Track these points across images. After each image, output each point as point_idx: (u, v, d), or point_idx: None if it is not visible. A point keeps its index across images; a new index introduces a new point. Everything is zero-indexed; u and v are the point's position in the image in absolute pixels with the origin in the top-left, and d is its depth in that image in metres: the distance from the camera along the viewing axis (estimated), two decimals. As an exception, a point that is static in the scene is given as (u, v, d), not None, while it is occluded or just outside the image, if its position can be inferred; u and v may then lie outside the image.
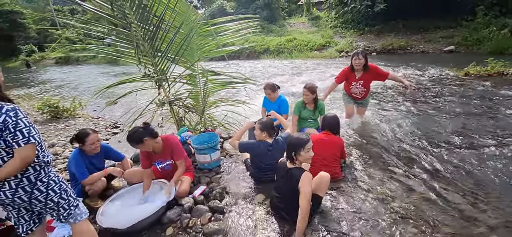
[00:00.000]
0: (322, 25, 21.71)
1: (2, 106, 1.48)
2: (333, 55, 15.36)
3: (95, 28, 3.71)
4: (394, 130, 4.32)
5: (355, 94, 4.33)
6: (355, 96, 4.36)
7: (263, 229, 2.33)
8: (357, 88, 4.24)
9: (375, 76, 4.16)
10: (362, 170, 3.18)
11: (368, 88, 4.28)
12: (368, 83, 4.21)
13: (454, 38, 13.92)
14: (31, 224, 1.79)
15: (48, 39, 32.60)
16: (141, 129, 2.63)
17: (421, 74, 8.74)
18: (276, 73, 11.60)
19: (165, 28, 3.52)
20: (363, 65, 4.02)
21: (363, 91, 4.24)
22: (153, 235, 2.38)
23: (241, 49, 17.40)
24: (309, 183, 2.12)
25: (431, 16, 15.82)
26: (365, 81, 4.15)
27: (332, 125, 3.09)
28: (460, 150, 3.55)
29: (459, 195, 2.64)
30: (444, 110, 5.17)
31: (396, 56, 13.88)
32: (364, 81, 4.15)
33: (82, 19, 3.99)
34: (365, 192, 2.76)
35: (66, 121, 6.25)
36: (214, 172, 3.30)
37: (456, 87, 6.81)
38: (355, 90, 4.28)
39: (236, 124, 4.70)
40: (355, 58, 4.03)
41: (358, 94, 4.30)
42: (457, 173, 3.03)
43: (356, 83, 4.21)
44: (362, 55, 4.02)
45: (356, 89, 4.26)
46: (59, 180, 1.77)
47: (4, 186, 1.56)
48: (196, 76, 4.14)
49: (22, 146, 1.50)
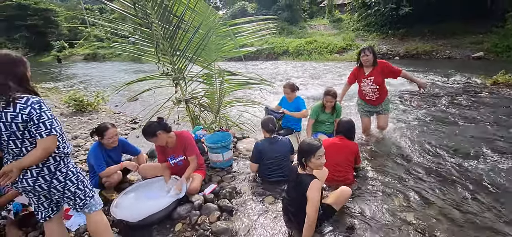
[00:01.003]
0: (344, 27, 21.34)
1: (28, 99, 1.58)
2: (353, 58, 15.01)
3: (121, 27, 3.88)
4: (411, 138, 4.16)
5: (368, 94, 3.98)
6: (370, 98, 4.00)
7: (270, 232, 2.32)
8: (368, 86, 3.92)
9: (386, 72, 3.85)
10: (376, 179, 3.08)
11: (382, 85, 3.90)
12: (379, 79, 3.83)
13: (484, 44, 13.22)
14: (49, 211, 1.89)
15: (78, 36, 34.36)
16: (155, 123, 2.73)
17: (446, 80, 8.38)
18: (293, 75, 11.52)
19: (184, 28, 3.60)
20: (372, 61, 3.80)
21: (376, 89, 3.89)
22: (163, 229, 2.44)
23: (259, 50, 17.46)
24: (318, 192, 2.08)
25: (459, 20, 15.13)
26: (375, 76, 3.82)
27: (346, 129, 3.03)
28: (482, 162, 3.35)
29: (480, 211, 2.50)
30: (468, 118, 4.92)
31: (421, 61, 13.38)
32: (375, 76, 3.82)
33: (109, 18, 4.17)
34: (379, 201, 2.68)
35: (90, 115, 6.54)
36: (226, 171, 3.33)
37: (483, 95, 6.45)
38: (366, 88, 3.95)
39: (250, 124, 4.72)
40: (362, 55, 3.82)
41: (371, 94, 3.94)
42: (478, 187, 2.86)
43: (366, 80, 3.90)
44: (369, 50, 3.79)
45: (367, 87, 3.93)
46: (77, 171, 1.86)
47: (26, 174, 1.66)
48: (212, 76, 4.20)
49: (44, 137, 1.59)
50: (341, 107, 4.00)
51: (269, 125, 3.12)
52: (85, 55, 29.67)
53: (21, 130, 1.58)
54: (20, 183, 1.68)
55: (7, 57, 1.61)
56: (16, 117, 1.54)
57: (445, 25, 15.41)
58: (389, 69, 3.84)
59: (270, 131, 3.11)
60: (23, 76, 1.65)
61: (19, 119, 1.55)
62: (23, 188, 1.72)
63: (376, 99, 3.98)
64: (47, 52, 34.34)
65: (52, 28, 35.49)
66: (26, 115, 1.56)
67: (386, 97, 4.09)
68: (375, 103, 4.04)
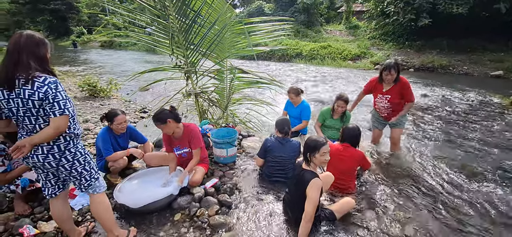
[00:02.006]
0: (360, 35, 21.08)
1: (45, 78, 1.65)
2: (367, 66, 14.86)
3: (139, 17, 3.97)
4: (418, 153, 4.10)
5: (380, 110, 3.82)
6: (381, 113, 3.85)
7: (267, 228, 2.35)
8: (382, 103, 3.71)
9: (403, 94, 3.57)
10: (379, 190, 3.05)
11: (396, 105, 3.65)
12: (396, 99, 3.60)
13: (504, 63, 12.83)
14: (56, 188, 1.97)
15: (97, 23, 35.16)
16: (167, 111, 2.79)
17: (460, 96, 8.20)
18: (305, 79, 11.48)
19: (200, 23, 3.66)
20: (394, 79, 3.52)
21: (389, 108, 3.68)
22: (162, 218, 2.49)
23: (273, 51, 17.44)
24: (317, 190, 2.11)
25: (480, 37, 14.75)
26: (392, 95, 3.59)
27: (352, 137, 2.99)
28: (486, 186, 3.27)
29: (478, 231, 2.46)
30: (477, 138, 4.81)
31: (436, 75, 13.11)
32: (392, 95, 3.59)
33: (128, 8, 4.26)
34: (377, 209, 2.67)
35: (101, 101, 6.71)
36: (228, 167, 3.37)
37: (497, 115, 6.29)
38: (380, 104, 3.76)
39: (257, 123, 4.75)
40: (386, 73, 3.49)
41: (383, 111, 3.78)
42: (481, 207, 2.81)
43: (382, 97, 3.68)
44: (395, 69, 3.45)
45: (381, 104, 3.73)
46: (84, 152, 1.93)
47: (38, 150, 1.73)
48: (224, 72, 4.25)
49: (57, 116, 1.66)
50: (351, 115, 3.98)
51: (284, 127, 3.11)
52: (102, 42, 30.30)
53: (37, 107, 1.65)
54: (31, 159, 1.76)
55: (31, 38, 1.69)
56: (33, 95, 1.62)
57: (464, 41, 15.05)
58: (406, 91, 3.55)
59: (284, 133, 3.10)
60: (44, 57, 1.72)
61: (36, 97, 1.62)
62: (33, 164, 1.79)
63: (388, 115, 3.79)
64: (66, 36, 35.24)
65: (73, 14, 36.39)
66: (42, 94, 1.63)
67: (402, 110, 3.77)
68: (388, 118, 3.84)
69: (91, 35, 33.35)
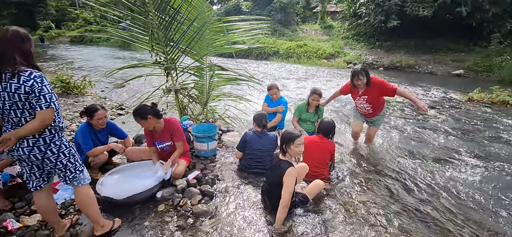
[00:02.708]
0: (334, 34, 21.82)
1: (31, 72, 1.69)
2: (341, 65, 15.47)
3: (112, 11, 3.92)
4: (387, 144, 4.48)
5: (361, 110, 3.95)
6: (363, 113, 3.98)
7: (247, 216, 2.51)
8: (361, 104, 3.83)
9: (382, 91, 3.65)
10: (348, 176, 3.34)
11: (376, 104, 3.79)
12: (373, 99, 3.72)
13: (465, 63, 13.94)
14: (40, 181, 2.00)
15: (66, 17, 33.33)
16: (148, 107, 2.86)
17: (424, 93, 8.85)
18: (282, 76, 11.77)
19: (179, 20, 3.73)
20: (365, 84, 3.63)
21: (369, 107, 3.80)
22: (146, 209, 2.57)
23: (250, 49, 17.61)
24: (293, 178, 2.31)
25: (444, 37, 15.86)
26: (369, 96, 3.70)
27: (327, 130, 3.24)
28: (447, 169, 3.73)
29: (436, 211, 2.78)
30: (441, 130, 5.31)
31: (403, 73, 13.94)
32: (368, 96, 3.71)
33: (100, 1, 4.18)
34: (347, 193, 2.94)
35: (75, 97, 6.52)
36: (209, 160, 3.49)
37: (456, 110, 6.92)
38: (360, 105, 3.88)
39: (236, 119, 4.89)
40: (355, 79, 3.62)
41: (365, 111, 3.90)
42: (440, 190, 3.19)
43: (360, 98, 3.80)
44: (363, 74, 3.56)
45: (361, 105, 3.86)
46: (69, 145, 1.98)
47: (23, 143, 1.77)
48: (203, 69, 4.34)
49: (43, 109, 1.71)
50: (323, 109, 4.25)
51: (262, 121, 3.31)
52: (71, 37, 28.83)
53: (23, 101, 1.69)
54: (16, 152, 1.79)
55: (16, 33, 1.73)
56: (19, 88, 1.66)
57: (430, 42, 16.13)
58: (384, 87, 3.61)
59: (262, 126, 3.30)
60: (28, 51, 1.77)
61: (22, 91, 1.66)
62: (18, 156, 1.82)
63: (369, 114, 3.93)
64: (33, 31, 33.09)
65: (40, 7, 34.22)
66: (28, 87, 1.67)
67: (382, 111, 3.95)
68: (367, 116, 4.02)
69: (60, 29, 31.56)
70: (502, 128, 5.51)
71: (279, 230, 2.31)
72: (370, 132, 4.17)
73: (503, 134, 5.14)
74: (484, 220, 2.71)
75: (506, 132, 5.27)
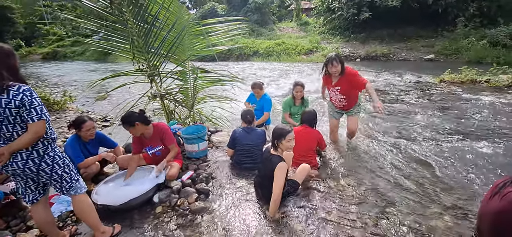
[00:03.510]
0: (311, 30, 22.30)
1: (20, 86, 1.72)
2: (319, 59, 15.86)
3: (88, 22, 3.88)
4: (366, 127, 4.73)
5: (336, 102, 3.85)
6: (338, 105, 3.88)
7: (243, 208, 2.62)
8: (335, 95, 3.75)
9: (353, 83, 3.51)
10: (336, 162, 3.52)
11: (349, 95, 3.68)
12: (346, 90, 3.62)
13: (435, 47, 14.70)
14: (36, 194, 2.01)
15: (35, 33, 32.00)
16: (136, 114, 2.89)
17: (400, 79, 9.28)
18: (263, 75, 11.93)
19: (159, 26, 3.77)
20: (340, 71, 3.50)
21: (343, 99, 3.70)
22: (144, 213, 2.61)
23: (231, 51, 17.71)
24: (283, 171, 2.44)
25: (414, 25, 16.62)
26: (342, 87, 3.60)
27: (309, 119, 3.42)
28: (422, 143, 4.05)
29: (416, 183, 3.01)
30: (415, 110, 5.69)
31: (379, 62, 14.50)
32: (341, 87, 3.60)
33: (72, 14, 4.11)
34: (335, 178, 3.11)
35: (57, 114, 6.36)
36: (201, 160, 3.56)
37: (429, 92, 7.34)
38: (334, 97, 3.80)
39: (223, 119, 4.98)
40: (330, 66, 3.50)
41: (338, 102, 3.80)
42: (418, 164, 3.44)
43: (333, 89, 3.71)
44: (337, 61, 3.44)
45: (334, 96, 3.77)
46: (63, 156, 2.01)
47: (17, 157, 1.79)
48: (186, 73, 4.39)
49: (35, 121, 1.74)
50: (308, 100, 4.42)
51: (247, 116, 3.44)
52: (43, 54, 27.76)
53: (14, 115, 1.71)
54: (10, 166, 1.80)
55: (1, 49, 1.74)
56: (10, 103, 1.68)
57: (401, 30, 16.87)
58: (355, 80, 3.48)
59: (248, 122, 3.43)
60: (14, 66, 1.79)
61: (12, 105, 1.68)
62: (13, 171, 1.84)
63: (344, 106, 3.83)
64: (2, 51, 31.46)
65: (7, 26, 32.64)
66: (18, 101, 1.69)
67: (357, 102, 3.87)
68: (343, 109, 3.93)
69: (30, 47, 30.28)
70: (472, 104, 5.93)
71: (273, 218, 2.43)
72: (351, 125, 3.95)
73: (473, 109, 5.53)
74: (460, 186, 2.96)
75: (477, 107, 5.67)
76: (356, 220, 2.41)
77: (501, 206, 1.29)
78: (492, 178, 3.10)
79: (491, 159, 3.53)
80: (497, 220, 1.32)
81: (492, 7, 14.47)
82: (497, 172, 3.24)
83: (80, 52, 25.39)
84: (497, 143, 3.96)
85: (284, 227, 2.35)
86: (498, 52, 12.19)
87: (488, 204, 1.40)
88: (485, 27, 14.09)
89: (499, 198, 1.32)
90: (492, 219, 1.35)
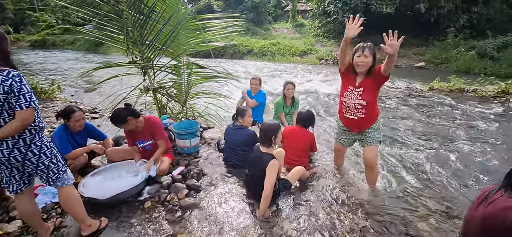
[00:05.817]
0: (305, 32, 22.40)
1: (9, 72, 1.66)
2: (313, 61, 15.96)
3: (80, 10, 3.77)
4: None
5: (349, 108, 2.73)
6: (351, 117, 2.76)
7: (233, 205, 2.60)
8: (352, 99, 2.67)
9: (379, 79, 2.57)
10: (327, 164, 3.54)
11: (371, 102, 2.63)
12: (370, 94, 2.60)
13: (425, 56, 14.99)
14: (21, 184, 1.94)
15: (25, 20, 31.12)
16: (124, 110, 2.83)
17: (391, 85, 9.40)
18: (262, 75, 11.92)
19: (155, 19, 3.70)
20: (370, 68, 2.55)
21: (361, 106, 2.64)
22: (132, 207, 2.56)
23: (225, 48, 17.61)
24: (275, 169, 2.43)
25: (406, 33, 16.85)
26: (365, 88, 2.60)
27: (305, 120, 3.38)
28: (412, 150, 4.11)
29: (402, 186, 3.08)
30: (404, 116, 5.87)
31: (372, 68, 14.66)
32: (365, 88, 2.60)
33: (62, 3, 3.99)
34: (327, 179, 3.12)
35: (44, 103, 6.19)
36: (193, 156, 3.52)
37: (418, 99, 7.50)
38: (349, 101, 2.70)
39: (216, 116, 4.94)
40: (357, 54, 2.54)
41: (355, 111, 2.70)
42: (406, 169, 3.51)
43: (353, 90, 2.66)
44: (370, 51, 2.51)
45: (351, 100, 2.68)
46: (50, 146, 1.94)
47: (2, 145, 1.72)
48: (181, 67, 4.33)
49: (23, 108, 1.68)
50: (299, 101, 4.43)
51: (234, 114, 3.44)
52: (32, 41, 27.01)
53: (1, 101, 1.65)
54: (-5, 154, 1.73)
55: None
56: (-2, 88, 1.62)
57: (394, 37, 17.09)
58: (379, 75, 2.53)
59: (233, 118, 3.44)
60: (5, 50, 1.73)
61: (1, 90, 1.62)
62: (-3, 159, 1.77)
63: (359, 119, 2.72)
64: (-10, 37, 30.40)
65: (-3, 12, 31.62)
66: (7, 87, 1.63)
67: (376, 123, 2.80)
68: (356, 126, 2.82)
69: (19, 34, 29.43)
70: (459, 112, 6.08)
71: (263, 216, 2.43)
72: (369, 156, 2.82)
73: (460, 118, 5.68)
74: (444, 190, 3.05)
75: (464, 116, 5.81)
76: (345, 220, 2.43)
77: (490, 212, 1.32)
78: (474, 182, 3.22)
79: (474, 165, 3.68)
80: (485, 226, 1.34)
81: (481, 19, 14.85)
82: (480, 177, 3.37)
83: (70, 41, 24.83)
84: (482, 150, 4.09)
85: (274, 225, 2.35)
86: (485, 63, 12.52)
87: (476, 210, 1.42)
88: (474, 38, 14.44)
89: (487, 204, 1.35)
90: (480, 225, 1.37)
